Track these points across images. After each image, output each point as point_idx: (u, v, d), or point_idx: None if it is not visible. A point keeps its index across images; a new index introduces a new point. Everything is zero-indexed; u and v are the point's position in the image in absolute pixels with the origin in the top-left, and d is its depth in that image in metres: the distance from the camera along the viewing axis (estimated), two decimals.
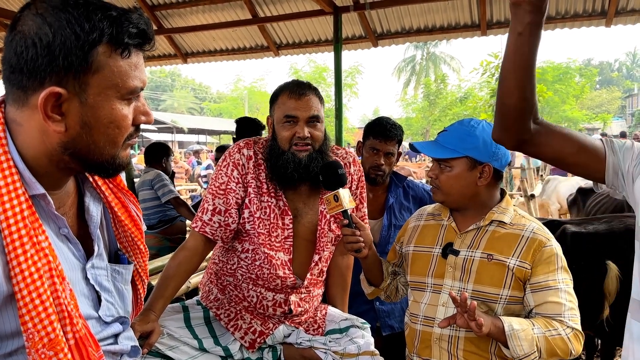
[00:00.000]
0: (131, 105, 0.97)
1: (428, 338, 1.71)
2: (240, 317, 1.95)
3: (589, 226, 2.98)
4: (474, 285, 1.65)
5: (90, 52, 0.89)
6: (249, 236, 1.91)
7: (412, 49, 40.78)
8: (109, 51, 0.91)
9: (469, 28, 5.59)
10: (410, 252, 1.84)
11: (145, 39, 0.96)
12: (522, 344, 1.51)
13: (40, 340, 0.89)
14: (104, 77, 0.92)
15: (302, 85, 1.89)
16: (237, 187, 1.88)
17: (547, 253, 1.63)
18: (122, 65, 0.93)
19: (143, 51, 0.98)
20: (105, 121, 0.94)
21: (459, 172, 1.69)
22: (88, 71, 0.90)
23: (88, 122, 0.93)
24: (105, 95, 0.93)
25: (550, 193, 8.08)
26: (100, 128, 0.94)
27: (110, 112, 0.94)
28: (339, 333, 2.01)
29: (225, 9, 5.92)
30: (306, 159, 1.84)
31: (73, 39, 0.88)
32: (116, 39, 0.91)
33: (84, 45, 0.88)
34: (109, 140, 0.96)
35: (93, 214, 1.10)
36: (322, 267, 2.00)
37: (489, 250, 1.67)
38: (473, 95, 24.36)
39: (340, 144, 5.66)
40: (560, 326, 1.56)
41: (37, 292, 0.89)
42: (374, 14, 5.62)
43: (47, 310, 0.89)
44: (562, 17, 5.23)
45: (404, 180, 2.69)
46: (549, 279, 1.61)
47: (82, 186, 1.12)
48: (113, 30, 0.90)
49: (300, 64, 23.52)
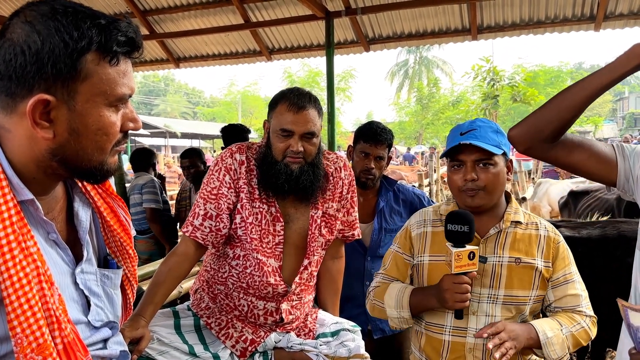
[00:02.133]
0: (119, 112, 0.98)
1: (461, 349, 1.66)
2: (231, 325, 1.95)
3: (582, 230, 3.00)
4: (505, 291, 1.64)
5: (78, 60, 0.90)
6: (241, 242, 1.91)
7: (404, 53, 40.97)
8: (98, 59, 0.92)
9: (459, 33, 5.64)
10: (426, 262, 1.75)
11: (133, 47, 0.96)
12: (555, 348, 1.58)
13: (29, 345, 0.89)
14: (93, 84, 0.92)
15: (303, 98, 1.86)
16: (228, 192, 1.88)
17: (561, 249, 1.70)
18: (111, 72, 0.94)
19: (132, 59, 0.98)
20: (94, 128, 0.94)
21: (501, 169, 1.66)
22: (76, 79, 0.91)
23: (76, 129, 0.93)
24: (93, 102, 0.93)
25: (541, 196, 8.14)
26: (89, 135, 0.94)
27: (98, 119, 0.94)
28: (329, 336, 2.01)
29: (217, 14, 5.94)
30: (298, 171, 1.83)
31: (62, 47, 0.89)
32: (105, 46, 0.92)
33: (72, 53, 0.89)
34: (97, 147, 0.97)
35: (82, 219, 1.11)
36: (312, 271, 2.00)
37: (514, 254, 1.66)
38: (465, 99, 24.50)
39: (332, 148, 5.67)
40: (581, 318, 1.64)
41: (26, 297, 0.89)
42: (366, 18, 5.66)
43: (36, 315, 0.90)
44: (552, 21, 5.29)
45: (394, 184, 2.71)
46: (566, 273, 1.68)
47: (71, 191, 1.12)
48: (102, 38, 0.91)
49: (294, 69, 23.47)
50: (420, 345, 1.76)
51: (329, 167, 2.01)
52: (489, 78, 12.40)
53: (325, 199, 1.98)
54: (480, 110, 12.91)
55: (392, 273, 1.85)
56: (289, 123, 1.82)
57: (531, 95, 12.68)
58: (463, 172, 1.66)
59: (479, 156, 1.63)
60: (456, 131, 1.71)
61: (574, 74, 29.30)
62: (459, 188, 1.67)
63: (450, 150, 1.68)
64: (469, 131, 1.66)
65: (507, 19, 5.42)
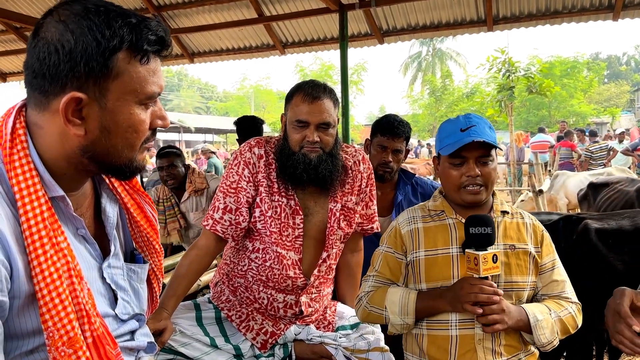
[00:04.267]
0: (148, 110, 1.00)
1: (470, 341, 1.62)
2: (251, 318, 1.97)
3: (611, 222, 2.94)
4: (505, 278, 1.65)
5: (110, 59, 0.92)
6: (260, 235, 1.92)
7: (418, 45, 40.60)
8: (129, 57, 0.94)
9: (475, 24, 5.57)
10: (422, 257, 1.69)
11: (163, 46, 0.98)
12: (545, 332, 1.59)
13: (60, 339, 0.91)
14: (124, 82, 0.94)
15: (317, 89, 1.86)
16: (247, 185, 1.90)
17: (546, 235, 1.74)
18: (141, 71, 0.95)
19: (161, 57, 1.00)
20: (124, 125, 0.96)
21: (496, 164, 1.70)
22: (108, 77, 0.93)
23: (107, 127, 0.95)
24: (124, 100, 0.95)
25: (558, 188, 8.05)
26: (119, 132, 0.96)
27: (129, 116, 0.96)
28: (349, 329, 2.02)
29: (231, 9, 5.94)
30: (316, 160, 1.84)
31: (94, 46, 0.90)
32: (136, 45, 0.93)
33: (104, 52, 0.91)
34: (127, 144, 0.99)
35: (109, 214, 1.13)
36: (331, 264, 2.01)
37: (508, 241, 1.68)
38: (480, 90, 24.28)
39: (347, 141, 5.66)
40: (568, 304, 1.67)
41: (57, 291, 0.91)
42: (380, 11, 5.62)
43: (67, 309, 0.92)
44: (569, 11, 5.21)
45: (412, 178, 2.70)
46: (551, 259, 1.72)
47: (99, 187, 1.14)
48: (133, 37, 0.93)
49: (307, 62, 23.50)
50: (422, 349, 1.69)
51: (348, 160, 2.02)
52: (504, 69, 12.22)
53: (344, 192, 1.99)
54: (495, 102, 12.74)
55: (385, 274, 1.77)
56: (304, 114, 1.83)
57: (547, 87, 12.48)
58: (465, 168, 1.64)
59: (481, 152, 1.63)
60: (454, 127, 1.68)
61: (591, 64, 28.90)
62: (459, 185, 1.65)
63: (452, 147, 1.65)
64: (469, 127, 1.64)
65: (523, 9, 5.35)
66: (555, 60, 25.02)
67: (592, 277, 2.61)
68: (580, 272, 1.79)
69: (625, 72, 51.63)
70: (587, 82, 26.36)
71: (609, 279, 2.70)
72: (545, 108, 26.13)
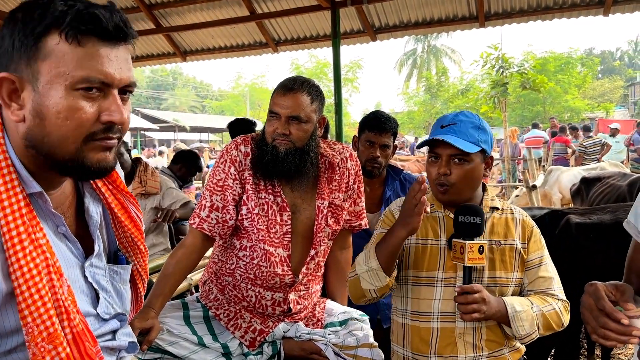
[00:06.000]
0: (93, 101, 0.93)
1: (451, 335, 1.64)
2: (240, 316, 1.96)
3: (593, 216, 2.96)
4: (489, 273, 1.65)
5: (40, 39, 0.89)
6: (247, 233, 1.92)
7: (412, 42, 40.53)
8: (58, 38, 0.90)
9: (467, 20, 5.59)
10: (412, 245, 1.72)
11: (99, 27, 0.91)
12: (523, 324, 1.58)
13: (40, 334, 0.91)
14: (51, 64, 0.90)
15: (294, 82, 1.87)
16: (234, 183, 1.89)
17: (535, 232, 1.74)
18: (70, 52, 0.90)
19: (106, 43, 0.93)
20: (54, 111, 0.91)
21: (476, 166, 1.64)
22: (37, 57, 0.90)
23: (39, 111, 0.91)
24: (53, 83, 0.90)
25: (552, 183, 8.07)
26: (51, 118, 0.91)
27: (58, 101, 0.91)
28: (338, 326, 2.02)
29: (223, 6, 5.93)
30: (283, 152, 1.84)
31: (26, 23, 0.90)
32: (67, 25, 0.89)
33: (33, 31, 0.89)
34: (61, 134, 0.92)
35: (93, 214, 1.12)
36: (319, 261, 2.01)
37: (494, 237, 1.68)
38: (474, 87, 24.29)
39: (340, 139, 5.66)
40: (553, 300, 1.66)
41: (36, 287, 0.91)
42: (372, 8, 5.62)
43: (46, 305, 0.92)
44: (560, 7, 5.23)
45: (400, 173, 2.71)
46: (539, 256, 1.71)
47: (81, 187, 1.13)
48: (65, 18, 0.89)
49: (302, 60, 23.35)
50: (405, 339, 1.72)
51: (335, 157, 2.01)
52: (498, 66, 12.23)
53: (332, 189, 1.98)
54: (489, 98, 12.75)
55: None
56: (276, 105, 1.85)
57: (541, 82, 12.50)
58: (438, 165, 1.65)
59: (454, 151, 1.62)
60: (438, 123, 1.70)
61: (585, 59, 28.95)
62: (433, 180, 1.68)
63: (429, 142, 1.67)
64: (449, 125, 1.65)
65: (515, 5, 5.36)
66: (549, 56, 25.04)
67: (575, 272, 2.62)
68: (564, 267, 1.78)
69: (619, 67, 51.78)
70: (581, 78, 26.43)
71: (591, 273, 2.71)
72: (539, 104, 26.17)
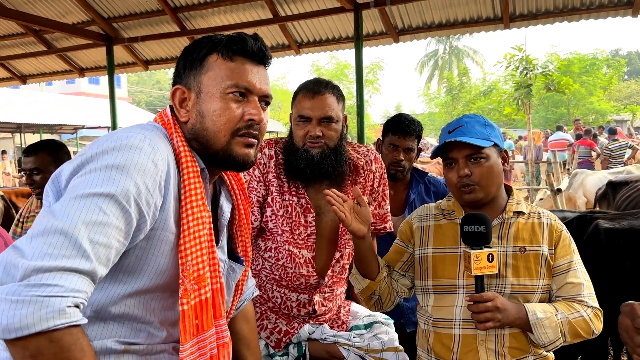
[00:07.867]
0: (239, 103, 1.21)
1: (472, 341, 1.63)
2: (265, 317, 1.98)
3: (623, 222, 2.89)
4: (513, 280, 1.63)
5: (205, 58, 1.22)
6: (272, 234, 1.93)
7: (434, 43, 40.25)
8: (216, 57, 1.22)
9: (491, 21, 5.51)
10: (430, 254, 1.73)
11: (245, 49, 1.22)
12: (547, 331, 1.56)
13: (192, 274, 1.12)
14: (211, 76, 1.21)
15: (319, 84, 1.90)
16: (258, 185, 1.92)
17: (564, 237, 1.70)
18: (224, 67, 1.21)
19: (251, 61, 1.23)
20: (211, 110, 1.20)
21: (494, 161, 1.66)
22: (201, 72, 1.21)
23: (201, 111, 1.20)
24: (212, 88, 1.20)
25: (577, 187, 7.94)
26: (209, 116, 1.20)
27: (214, 102, 1.20)
28: (363, 329, 2.02)
29: (246, 9, 5.97)
30: (319, 155, 1.86)
31: (198, 50, 1.23)
32: (224, 47, 1.21)
33: (200, 53, 1.23)
34: (216, 128, 1.19)
35: (225, 210, 1.33)
36: (344, 264, 2.01)
37: (519, 243, 1.66)
38: (497, 88, 23.99)
39: (361, 141, 5.65)
40: (581, 307, 1.62)
41: (199, 233, 1.14)
42: (395, 9, 5.59)
43: (202, 250, 1.14)
44: (588, 7, 5.13)
45: (424, 176, 2.70)
46: (568, 261, 1.67)
47: (218, 187, 1.35)
48: (223, 43, 1.22)
49: (322, 62, 23.42)
50: (429, 345, 1.73)
51: (360, 160, 2.02)
52: (522, 67, 12.06)
53: None
54: (512, 100, 12.59)
55: (386, 258, 1.85)
56: (305, 109, 1.87)
57: (565, 84, 12.30)
58: (456, 169, 1.66)
59: (469, 152, 1.63)
60: (445, 130, 1.72)
61: (610, 61, 28.37)
62: (455, 185, 1.68)
63: (441, 149, 1.69)
64: (456, 128, 1.67)
65: (540, 6, 5.28)
66: (574, 57, 24.57)
67: (604, 278, 2.57)
68: (591, 274, 1.74)
69: None
70: (607, 79, 25.87)
71: (621, 280, 2.65)
72: (563, 106, 25.73)
